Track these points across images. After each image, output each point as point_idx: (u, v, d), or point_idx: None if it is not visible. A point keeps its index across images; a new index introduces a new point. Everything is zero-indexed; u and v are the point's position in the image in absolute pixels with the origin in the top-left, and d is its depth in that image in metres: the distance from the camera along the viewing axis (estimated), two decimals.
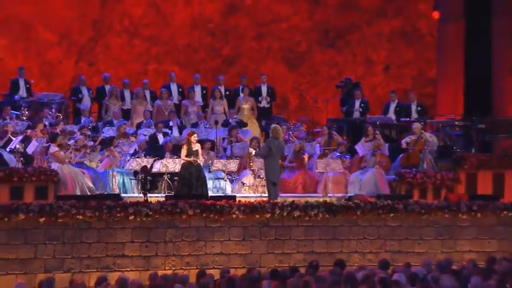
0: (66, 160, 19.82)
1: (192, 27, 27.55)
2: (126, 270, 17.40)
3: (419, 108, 24.13)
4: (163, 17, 27.71)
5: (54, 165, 19.24)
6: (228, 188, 20.84)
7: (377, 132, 22.37)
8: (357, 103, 24.19)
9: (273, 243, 19.04)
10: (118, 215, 18.14)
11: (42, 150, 20.23)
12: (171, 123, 22.85)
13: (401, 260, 18.13)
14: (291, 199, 19.54)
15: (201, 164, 20.14)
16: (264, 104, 24.46)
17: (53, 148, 19.50)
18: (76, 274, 17.31)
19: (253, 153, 20.57)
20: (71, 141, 20.72)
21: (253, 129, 22.86)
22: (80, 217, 17.70)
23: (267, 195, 19.63)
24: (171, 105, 24.06)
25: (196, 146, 19.93)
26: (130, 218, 18.04)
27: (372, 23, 28.27)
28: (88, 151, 20.89)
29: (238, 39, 27.90)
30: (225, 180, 20.99)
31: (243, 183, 21.26)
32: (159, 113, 23.70)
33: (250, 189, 21.05)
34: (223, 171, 21.02)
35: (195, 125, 23.25)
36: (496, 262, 16.26)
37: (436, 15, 25.89)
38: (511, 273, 14.69)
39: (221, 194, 20.40)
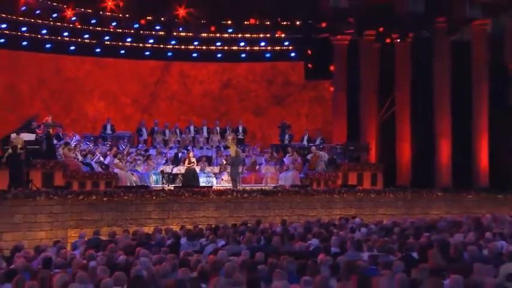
0: (124, 167, 23.68)
1: (203, 96, 31.05)
2: (151, 225, 20.52)
3: (321, 138, 27.94)
4: (188, 90, 30.98)
5: (117, 170, 23.31)
6: (214, 181, 25.05)
7: (295, 151, 26.46)
8: (287, 136, 28.39)
9: (232, 211, 22.67)
10: (147, 196, 21.73)
11: (111, 162, 23.91)
12: (189, 147, 26.07)
13: (298, 219, 21.47)
14: (247, 187, 23.66)
15: (197, 169, 24.38)
16: (240, 136, 28.16)
17: (116, 161, 23.70)
18: (124, 227, 19.68)
19: (225, 163, 25.41)
20: (129, 158, 24.61)
21: (232, 150, 25.37)
22: (126, 197, 21.32)
23: (231, 185, 23.85)
24: (190, 138, 27.57)
25: (193, 159, 24.24)
26: (154, 197, 21.86)
27: (300, 92, 31.49)
28: (138, 162, 24.62)
29: (228, 102, 31.28)
30: (212, 177, 25.31)
31: (222, 179, 25.41)
32: (183, 142, 27.15)
33: (225, 182, 25.03)
34: (212, 172, 25.47)
35: (201, 148, 27.20)
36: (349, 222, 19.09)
37: (331, 88, 29.48)
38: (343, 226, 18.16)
39: (208, 185, 24.15)
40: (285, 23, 28.49)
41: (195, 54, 30.60)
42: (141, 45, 29.53)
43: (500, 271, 10.19)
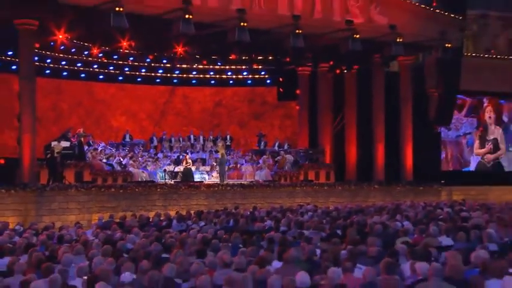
0: (137, 167, 23.61)
1: (200, 112, 30.82)
2: (155, 211, 19.66)
3: (288, 145, 28.15)
4: (189, 108, 30.73)
5: (131, 169, 23.30)
6: (206, 177, 25.02)
7: (269, 155, 26.53)
8: (262, 142, 28.56)
9: (218, 200, 22.63)
10: (153, 188, 22.01)
11: (128, 162, 23.80)
12: (187, 151, 26.05)
13: (267, 206, 21.04)
14: (230, 182, 24.02)
15: (192, 168, 24.43)
16: (228, 143, 27.99)
17: (131, 162, 23.73)
18: (134, 212, 19.32)
19: (215, 163, 25.32)
20: (141, 159, 24.57)
21: (221, 154, 24.92)
22: (137, 189, 21.58)
23: (219, 180, 24.05)
24: (189, 144, 27.47)
25: (189, 161, 24.33)
26: (158, 189, 22.09)
27: (273, 110, 31.30)
28: (148, 163, 24.51)
29: (219, 117, 31.02)
30: (205, 174, 25.25)
31: (212, 176, 25.22)
32: (184, 147, 26.98)
33: (215, 178, 24.79)
34: (205, 171, 25.46)
35: (198, 152, 27.19)
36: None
37: (297, 107, 29.16)
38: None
39: (201, 180, 24.17)
40: (260, 57, 28.68)
41: (194, 81, 30.72)
42: (152, 74, 29.60)
43: (397, 242, 10.53)
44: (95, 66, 27.86)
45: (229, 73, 30.81)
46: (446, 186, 27.46)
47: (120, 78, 29.04)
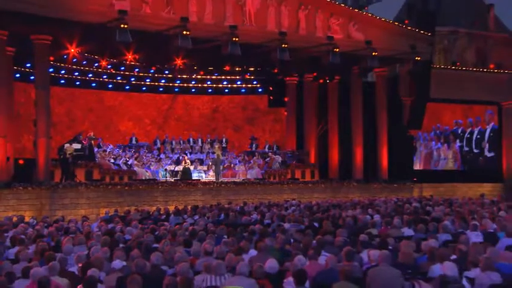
0: (141, 166, 23.86)
1: (199, 117, 30.70)
2: (158, 206, 20.01)
3: (277, 146, 28.26)
4: (189, 114, 30.59)
5: (136, 168, 23.54)
6: (203, 176, 25.25)
7: (260, 155, 26.83)
8: (254, 145, 28.32)
9: (213, 196, 22.65)
10: (155, 185, 22.26)
11: (133, 163, 23.84)
12: (187, 152, 26.41)
13: (257, 202, 21.15)
14: (225, 180, 24.07)
15: (191, 168, 24.68)
16: (224, 145, 28.08)
17: (136, 162, 23.88)
18: (137, 207, 19.75)
19: (211, 163, 25.49)
20: (145, 159, 24.65)
21: (217, 154, 25.13)
22: (141, 187, 21.80)
23: (215, 178, 24.24)
24: (189, 146, 27.48)
25: (188, 161, 24.62)
26: (160, 187, 22.32)
27: (264, 116, 31.03)
28: (151, 163, 24.58)
29: (216, 122, 30.85)
30: (202, 173, 25.51)
31: (209, 174, 25.45)
32: (184, 149, 26.96)
33: (211, 177, 25.00)
34: (202, 170, 25.77)
35: (196, 153, 27.19)
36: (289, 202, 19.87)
37: (285, 113, 29.10)
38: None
39: (199, 178, 24.31)
40: (251, 68, 28.74)
41: (193, 90, 30.65)
42: (156, 83, 29.50)
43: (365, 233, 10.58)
44: (105, 76, 27.79)
45: (224, 82, 30.72)
46: (418, 184, 27.61)
47: (127, 87, 29.00)
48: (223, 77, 30.41)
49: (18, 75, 23.40)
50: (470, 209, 14.69)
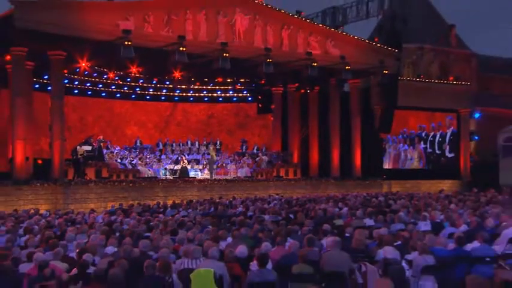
0: (144, 166, 23.53)
1: (196, 123, 30.37)
2: (158, 200, 19.77)
3: (265, 148, 27.80)
4: (187, 120, 30.35)
5: (139, 167, 23.25)
6: (199, 174, 24.93)
7: (249, 156, 26.39)
8: (244, 147, 27.77)
9: (208, 192, 22.46)
10: (156, 182, 22.11)
11: (137, 162, 23.47)
12: (184, 153, 25.95)
13: (245, 197, 20.90)
14: (218, 177, 24.03)
15: (188, 167, 24.40)
16: (218, 147, 27.63)
17: (139, 162, 23.58)
18: (140, 201, 19.40)
19: (206, 163, 25.21)
20: (147, 159, 24.18)
21: (211, 155, 25.00)
22: (143, 183, 21.56)
23: (209, 176, 24.21)
24: (187, 148, 27.17)
25: (185, 161, 24.41)
26: (160, 183, 22.09)
27: (254, 121, 30.39)
28: (153, 163, 24.16)
29: (211, 127, 30.58)
30: (198, 172, 25.16)
31: (204, 173, 25.17)
32: (182, 151, 26.63)
33: (206, 175, 24.81)
34: (198, 169, 25.36)
35: (193, 154, 26.66)
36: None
37: (272, 119, 28.88)
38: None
39: (195, 176, 24.08)
40: (242, 80, 28.77)
41: (191, 98, 30.48)
42: (158, 93, 29.34)
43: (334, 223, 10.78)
44: (113, 87, 27.64)
45: (218, 92, 30.55)
46: (387, 181, 27.48)
47: (133, 96, 28.76)
48: (217, 87, 30.30)
49: (37, 85, 23.46)
50: (427, 202, 14.79)
